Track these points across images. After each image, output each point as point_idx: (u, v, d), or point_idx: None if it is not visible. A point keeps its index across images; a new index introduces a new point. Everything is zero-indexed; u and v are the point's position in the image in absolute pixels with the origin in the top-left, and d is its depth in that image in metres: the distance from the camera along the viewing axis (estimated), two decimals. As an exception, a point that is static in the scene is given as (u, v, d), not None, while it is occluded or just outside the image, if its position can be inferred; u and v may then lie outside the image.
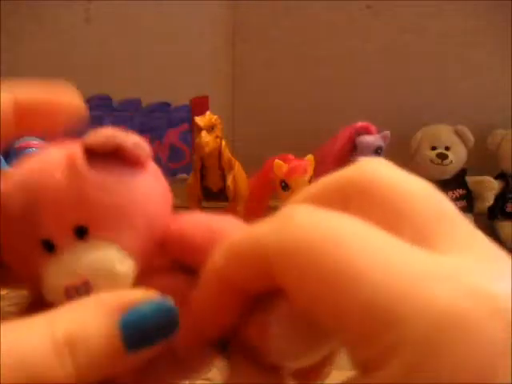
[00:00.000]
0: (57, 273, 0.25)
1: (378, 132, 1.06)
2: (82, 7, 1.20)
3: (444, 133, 1.10)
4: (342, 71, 1.22)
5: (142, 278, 0.26)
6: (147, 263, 0.27)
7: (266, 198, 1.10)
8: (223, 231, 0.28)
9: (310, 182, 0.96)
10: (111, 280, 0.25)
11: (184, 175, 1.28)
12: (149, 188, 0.27)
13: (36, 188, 0.24)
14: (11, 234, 0.25)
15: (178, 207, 0.92)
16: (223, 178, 0.96)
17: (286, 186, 0.95)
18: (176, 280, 0.27)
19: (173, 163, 1.30)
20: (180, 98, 1.26)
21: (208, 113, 0.89)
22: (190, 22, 1.21)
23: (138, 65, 1.24)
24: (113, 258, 0.25)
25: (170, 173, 1.27)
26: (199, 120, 0.87)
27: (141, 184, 0.26)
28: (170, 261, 0.28)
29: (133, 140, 0.25)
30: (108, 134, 0.25)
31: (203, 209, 1.05)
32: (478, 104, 1.20)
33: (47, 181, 0.24)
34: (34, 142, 1.13)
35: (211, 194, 0.99)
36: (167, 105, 1.27)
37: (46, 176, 0.25)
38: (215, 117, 0.89)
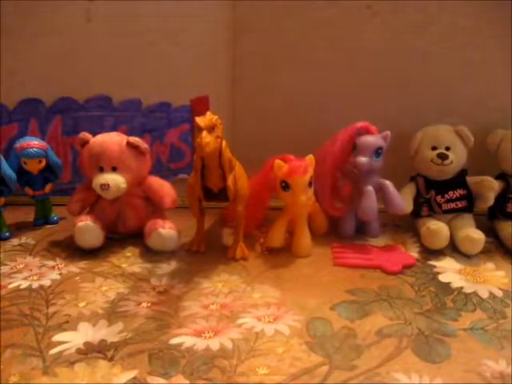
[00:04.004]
0: (98, 179, 1.02)
1: (379, 132, 1.07)
2: (83, 7, 1.20)
3: (444, 133, 1.10)
4: (342, 71, 1.21)
5: (129, 192, 1.05)
6: (132, 188, 1.05)
7: (267, 198, 1.11)
8: (166, 185, 1.09)
9: (310, 181, 0.96)
10: (117, 187, 1.02)
11: (184, 175, 1.29)
12: (142, 162, 1.06)
13: (104, 146, 1.04)
14: (89, 164, 1.05)
15: (179, 207, 0.92)
16: (224, 178, 0.96)
17: (286, 186, 0.95)
18: (140, 199, 1.09)
19: (173, 163, 1.30)
20: (180, 99, 1.26)
21: (208, 113, 0.89)
22: (190, 23, 1.21)
23: (138, 65, 1.23)
24: (120, 180, 1.03)
25: (170, 173, 1.28)
26: (200, 120, 0.87)
27: (140, 159, 1.06)
28: (140, 191, 1.08)
29: (144, 145, 1.06)
30: (136, 139, 1.05)
31: (204, 209, 1.05)
32: (478, 104, 1.20)
33: (109, 143, 1.05)
34: (35, 142, 1.13)
35: (212, 194, 0.99)
36: (168, 105, 1.27)
37: (110, 141, 1.05)
38: (216, 117, 0.89)
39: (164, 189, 1.08)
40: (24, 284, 0.93)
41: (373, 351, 0.74)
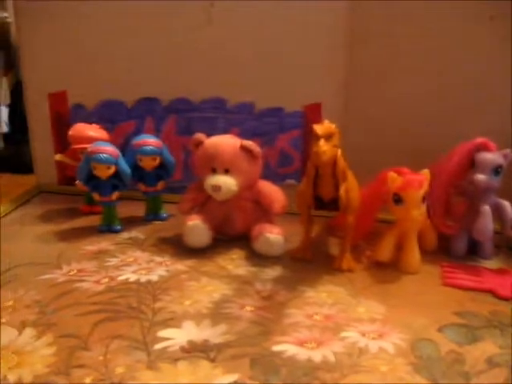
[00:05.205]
0: (210, 181, 1.04)
1: (498, 149, 1.02)
2: (204, 9, 1.22)
3: None
4: (462, 82, 1.17)
5: (239, 195, 1.07)
6: (242, 191, 1.07)
7: (376, 209, 1.08)
8: (277, 190, 1.09)
9: (423, 197, 0.93)
10: (228, 189, 1.04)
11: (292, 181, 1.28)
12: (254, 165, 1.07)
13: (218, 148, 1.06)
14: (202, 164, 1.07)
15: (285, 213, 0.91)
16: (336, 188, 0.95)
17: (399, 200, 0.93)
18: (249, 202, 1.10)
19: (282, 168, 1.30)
20: (293, 104, 1.26)
21: (326, 121, 0.88)
22: (306, 29, 1.20)
23: (254, 69, 1.24)
24: (232, 182, 1.04)
25: (278, 178, 1.27)
26: (318, 128, 0.86)
27: (252, 163, 1.07)
28: (250, 194, 1.09)
29: (257, 149, 1.06)
30: (250, 143, 1.05)
31: (312, 217, 1.04)
32: None
33: (224, 145, 1.06)
34: (151, 140, 1.16)
35: (322, 202, 0.98)
36: (280, 110, 1.27)
37: (224, 144, 1.06)
38: (333, 125, 0.88)
39: (274, 194, 1.08)
40: (132, 277, 0.95)
41: (482, 380, 0.70)
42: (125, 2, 1.25)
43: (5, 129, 1.64)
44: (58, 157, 1.26)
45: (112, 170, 1.12)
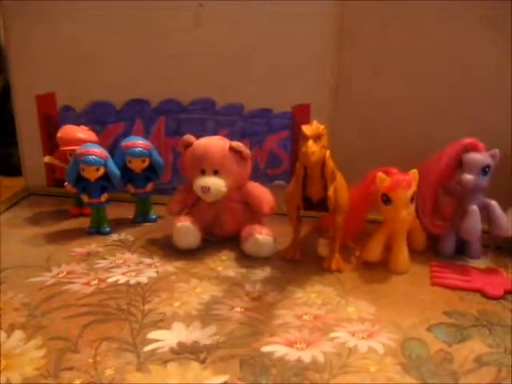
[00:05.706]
0: (199, 182, 1.03)
1: (487, 150, 1.02)
2: (193, 11, 1.22)
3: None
4: (451, 83, 1.17)
5: (228, 196, 1.06)
6: (231, 193, 1.06)
7: (365, 210, 1.09)
8: (266, 191, 1.08)
9: (412, 197, 0.93)
10: (217, 190, 1.02)
11: (281, 182, 1.28)
12: (243, 166, 1.06)
13: (207, 150, 1.04)
14: (191, 166, 1.05)
15: (274, 214, 0.92)
16: (325, 189, 0.95)
17: (387, 200, 0.93)
18: (239, 203, 1.09)
19: (271, 169, 1.30)
20: (281, 105, 1.26)
21: (315, 122, 0.88)
22: (295, 29, 1.20)
23: (242, 70, 1.24)
24: (221, 183, 1.03)
25: (267, 179, 1.28)
26: (306, 129, 0.86)
27: (241, 164, 1.06)
28: (239, 196, 1.08)
29: (246, 150, 1.05)
30: (239, 144, 1.05)
31: (301, 218, 1.04)
32: None
33: (213, 147, 1.04)
34: (140, 141, 1.16)
35: (310, 203, 0.98)
36: (268, 111, 1.27)
37: (213, 145, 1.05)
38: (322, 126, 0.88)
39: (263, 195, 1.08)
40: (122, 279, 0.95)
41: (470, 379, 0.71)
42: (114, 4, 1.24)
43: (-7, 131, 1.63)
44: (46, 159, 1.26)
45: (101, 171, 1.11)
